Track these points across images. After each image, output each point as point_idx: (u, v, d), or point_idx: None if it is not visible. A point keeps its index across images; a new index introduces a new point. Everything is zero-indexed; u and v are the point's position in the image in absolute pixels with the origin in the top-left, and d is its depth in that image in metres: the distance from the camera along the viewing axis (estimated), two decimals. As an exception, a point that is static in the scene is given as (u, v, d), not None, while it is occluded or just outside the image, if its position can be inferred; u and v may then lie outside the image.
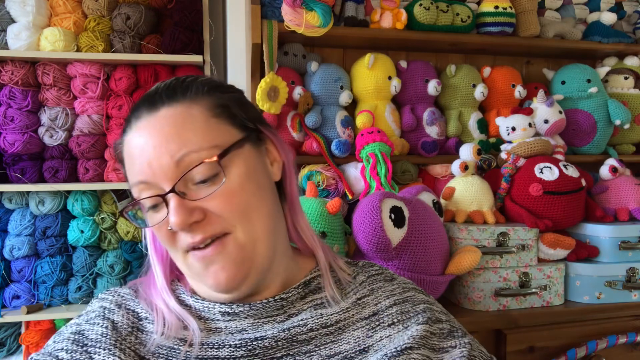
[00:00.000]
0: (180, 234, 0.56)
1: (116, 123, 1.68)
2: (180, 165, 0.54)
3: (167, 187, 0.54)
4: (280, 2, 1.41)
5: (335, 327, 0.60)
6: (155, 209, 0.57)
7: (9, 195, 1.68)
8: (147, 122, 0.57)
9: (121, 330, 0.58)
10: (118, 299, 0.64)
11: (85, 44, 1.63)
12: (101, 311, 0.61)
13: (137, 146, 0.57)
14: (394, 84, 1.56)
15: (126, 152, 0.59)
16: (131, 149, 0.58)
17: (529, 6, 1.64)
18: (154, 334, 0.58)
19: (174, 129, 0.55)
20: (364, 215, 1.09)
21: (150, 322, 0.60)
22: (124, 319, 0.60)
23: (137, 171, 0.57)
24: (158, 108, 0.57)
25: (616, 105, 1.63)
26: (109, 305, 0.63)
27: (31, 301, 1.65)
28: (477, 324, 1.20)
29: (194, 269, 0.58)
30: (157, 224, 0.56)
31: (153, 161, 0.55)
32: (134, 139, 0.57)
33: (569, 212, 1.31)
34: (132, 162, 0.57)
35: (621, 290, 1.29)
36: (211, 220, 0.55)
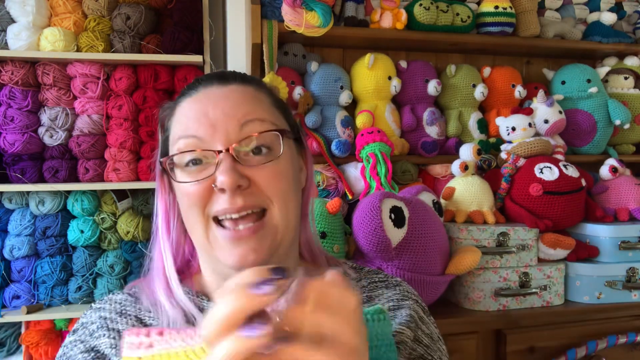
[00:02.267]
0: (216, 197, 0.55)
1: (116, 123, 1.68)
2: (244, 129, 0.56)
3: (221, 147, 0.55)
4: (280, 2, 1.41)
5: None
6: (196, 165, 0.57)
7: (9, 195, 1.68)
8: (219, 91, 0.59)
9: None
10: (117, 307, 0.62)
11: (85, 44, 1.63)
12: (102, 322, 0.60)
13: (201, 108, 0.58)
14: (394, 84, 1.56)
15: (181, 112, 0.60)
16: (192, 109, 0.59)
17: (529, 6, 1.64)
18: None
19: (244, 99, 0.59)
20: (364, 215, 1.09)
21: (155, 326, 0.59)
22: (127, 326, 0.59)
23: (191, 127, 0.57)
24: (230, 82, 0.61)
25: (616, 105, 1.64)
26: (109, 315, 0.61)
27: (31, 301, 1.65)
28: (477, 324, 1.20)
29: (217, 241, 0.56)
30: (196, 180, 0.56)
31: (218, 123, 0.56)
32: (199, 102, 0.59)
33: (569, 212, 1.32)
34: (187, 120, 0.58)
35: (621, 290, 1.29)
36: (254, 191, 0.56)
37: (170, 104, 0.64)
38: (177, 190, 0.60)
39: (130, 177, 1.68)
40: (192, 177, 0.56)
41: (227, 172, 0.53)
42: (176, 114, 0.61)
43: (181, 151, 0.57)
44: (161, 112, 0.64)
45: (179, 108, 0.61)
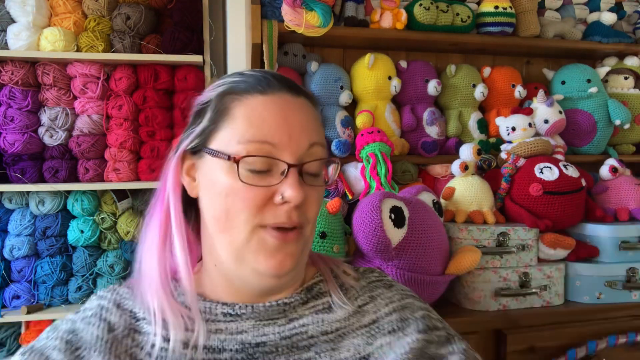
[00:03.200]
0: (272, 207, 0.56)
1: (116, 123, 1.68)
2: (311, 150, 0.58)
3: (291, 160, 0.56)
4: (280, 2, 1.41)
5: (335, 334, 0.60)
6: (263, 173, 0.56)
7: (9, 195, 1.68)
8: (294, 101, 0.59)
9: (117, 333, 0.57)
10: (117, 297, 0.62)
11: (85, 44, 1.63)
12: (98, 310, 0.60)
13: (279, 113, 0.57)
14: (394, 84, 1.56)
15: (254, 108, 0.57)
16: (268, 110, 0.57)
17: (529, 6, 1.63)
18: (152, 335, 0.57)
19: (312, 119, 0.60)
20: (364, 215, 1.09)
21: (148, 323, 0.59)
22: (120, 320, 0.59)
23: (268, 132, 0.56)
24: (300, 95, 0.61)
25: (616, 105, 1.63)
26: (107, 304, 0.61)
27: (31, 301, 1.65)
28: (477, 324, 1.20)
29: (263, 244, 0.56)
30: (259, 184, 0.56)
31: (294, 134, 0.57)
32: (276, 105, 0.58)
33: (569, 212, 1.31)
34: (262, 121, 0.57)
35: (621, 290, 1.29)
36: (304, 209, 0.58)
37: (228, 92, 0.60)
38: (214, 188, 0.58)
39: (130, 177, 1.69)
40: (253, 181, 0.56)
41: (297, 188, 0.55)
42: (240, 107, 0.58)
43: (251, 155, 0.55)
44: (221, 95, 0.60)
45: (246, 102, 0.58)
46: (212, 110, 0.60)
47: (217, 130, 0.58)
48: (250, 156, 0.55)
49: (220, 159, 0.57)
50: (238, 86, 0.59)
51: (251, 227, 0.56)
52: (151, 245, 0.61)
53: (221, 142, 0.58)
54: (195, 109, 0.64)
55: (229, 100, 0.59)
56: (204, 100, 0.62)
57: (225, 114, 0.58)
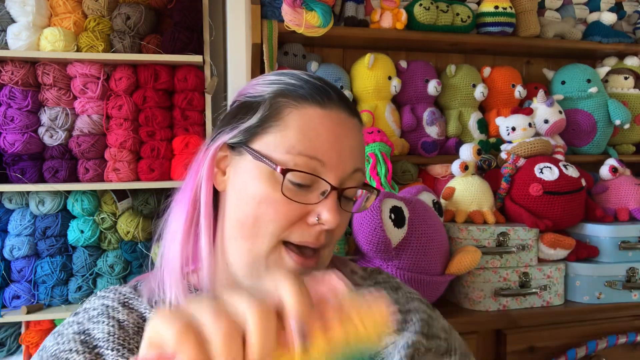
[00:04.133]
0: (303, 226, 0.54)
1: (116, 123, 1.68)
2: (353, 175, 0.56)
3: (334, 182, 0.54)
4: (280, 2, 1.41)
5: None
6: (303, 188, 0.54)
7: (9, 195, 1.68)
8: (349, 122, 0.57)
9: (128, 329, 0.55)
10: (120, 297, 0.60)
11: (85, 44, 1.63)
12: (104, 309, 0.57)
13: (334, 130, 0.55)
14: (394, 84, 1.56)
15: (310, 119, 0.55)
16: (324, 125, 0.55)
17: (529, 6, 1.64)
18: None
19: (360, 143, 0.59)
20: (364, 215, 1.09)
21: None
22: (129, 318, 0.56)
23: (319, 148, 0.54)
24: (355, 116, 0.59)
25: (616, 105, 1.63)
26: (111, 303, 0.58)
27: (31, 301, 1.65)
28: (477, 324, 1.20)
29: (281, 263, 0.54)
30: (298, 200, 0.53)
31: (343, 155, 0.55)
32: (332, 121, 0.55)
33: (569, 212, 1.31)
34: (316, 135, 0.54)
35: (621, 290, 1.29)
36: (332, 232, 0.56)
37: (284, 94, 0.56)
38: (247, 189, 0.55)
39: (130, 177, 1.68)
40: (292, 195, 0.53)
41: (335, 212, 0.53)
42: (295, 115, 0.55)
43: (299, 169, 0.53)
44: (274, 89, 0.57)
45: (303, 110, 0.55)
46: (264, 109, 0.56)
47: (265, 132, 0.55)
48: (298, 171, 0.53)
49: (263, 164, 0.54)
50: (296, 91, 0.56)
51: (276, 241, 0.54)
52: (175, 234, 0.59)
53: (267, 146, 0.54)
54: (241, 100, 0.60)
55: (285, 104, 0.55)
56: (254, 95, 0.58)
57: (278, 117, 0.55)
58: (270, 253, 0.54)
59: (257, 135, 0.55)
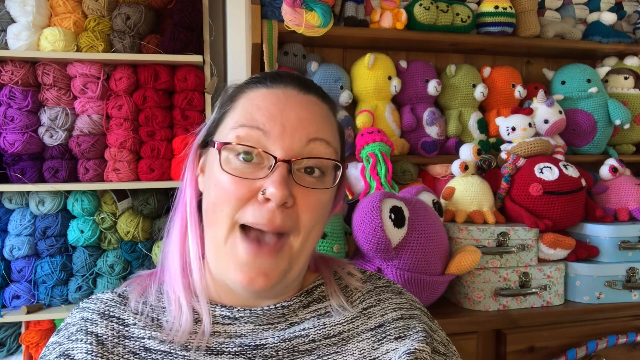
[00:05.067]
0: (254, 204, 0.52)
1: (116, 123, 1.68)
2: (310, 145, 0.55)
3: (280, 155, 0.52)
4: (280, 2, 1.41)
5: (339, 337, 0.58)
6: (247, 162, 0.53)
7: (9, 195, 1.68)
8: (299, 97, 0.57)
9: (107, 344, 0.54)
10: (101, 306, 0.58)
11: (85, 44, 1.63)
12: (82, 324, 0.56)
13: (276, 103, 0.55)
14: (394, 84, 1.56)
15: (252, 98, 0.57)
16: (265, 100, 0.56)
17: (529, 6, 1.64)
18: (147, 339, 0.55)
19: (320, 115, 0.58)
20: (364, 215, 1.09)
21: (140, 327, 0.56)
22: (107, 330, 0.56)
23: (259, 118, 0.54)
24: (311, 92, 0.59)
25: (616, 105, 1.63)
26: (90, 315, 0.57)
27: (31, 301, 1.65)
28: (477, 324, 1.20)
29: (234, 251, 0.53)
30: (243, 176, 0.52)
31: (288, 126, 0.54)
32: (275, 96, 0.56)
33: (569, 212, 1.32)
34: (256, 109, 0.55)
35: (621, 290, 1.29)
36: (291, 213, 0.53)
37: (239, 85, 0.60)
38: (210, 179, 0.56)
39: (130, 177, 1.68)
40: (237, 172, 0.53)
41: (280, 185, 0.50)
42: (243, 98, 0.57)
43: (240, 142, 0.53)
44: (226, 90, 0.61)
45: (249, 93, 0.58)
46: (220, 102, 0.60)
47: (222, 121, 0.58)
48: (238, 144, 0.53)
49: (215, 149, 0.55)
50: (248, 81, 0.60)
51: (231, 222, 0.52)
52: (174, 240, 0.60)
53: (221, 133, 0.57)
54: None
55: (236, 92, 0.59)
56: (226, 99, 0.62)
57: (229, 105, 0.58)
58: (227, 238, 0.53)
59: (217, 128, 0.58)
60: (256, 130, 0.53)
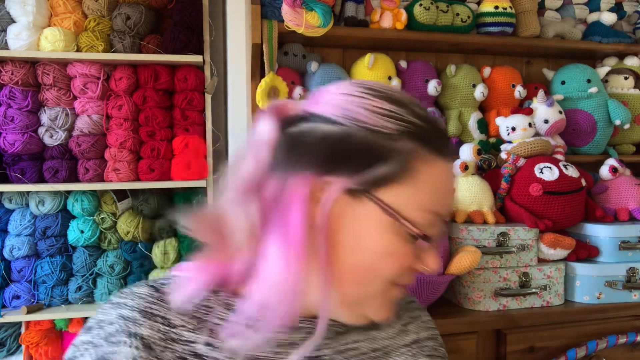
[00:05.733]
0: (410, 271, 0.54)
1: (116, 123, 1.68)
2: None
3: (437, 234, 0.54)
4: (280, 2, 1.41)
5: (383, 351, 0.60)
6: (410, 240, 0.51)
7: (9, 195, 1.68)
8: (451, 166, 0.57)
9: (154, 348, 0.49)
10: (140, 303, 0.52)
11: (85, 44, 1.63)
12: (122, 324, 0.50)
13: (447, 182, 0.55)
14: (394, 84, 1.56)
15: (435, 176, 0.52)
16: (447, 181, 0.54)
17: (529, 6, 1.63)
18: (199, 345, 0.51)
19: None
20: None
21: (188, 330, 0.52)
22: (153, 331, 0.50)
23: (445, 205, 0.54)
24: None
25: (616, 105, 1.63)
26: (130, 313, 0.51)
27: (31, 301, 1.65)
28: (477, 324, 1.20)
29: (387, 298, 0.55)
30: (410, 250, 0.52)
31: (450, 205, 0.56)
32: (450, 175, 0.55)
33: (569, 212, 1.31)
34: (442, 195, 0.53)
35: (621, 290, 1.29)
36: None
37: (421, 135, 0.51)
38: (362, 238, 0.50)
39: (130, 177, 1.69)
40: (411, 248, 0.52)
41: (439, 260, 0.54)
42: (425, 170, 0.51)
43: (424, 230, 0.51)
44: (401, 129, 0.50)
45: (437, 165, 0.52)
46: (396, 159, 0.49)
47: (395, 183, 0.49)
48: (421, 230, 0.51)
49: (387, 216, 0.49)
50: (423, 136, 0.51)
51: (387, 285, 0.53)
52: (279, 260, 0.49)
53: (397, 199, 0.49)
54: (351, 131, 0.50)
55: (417, 155, 0.50)
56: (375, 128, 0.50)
57: (411, 170, 0.50)
58: (377, 293, 0.53)
59: (385, 185, 0.49)
60: (438, 218, 0.53)
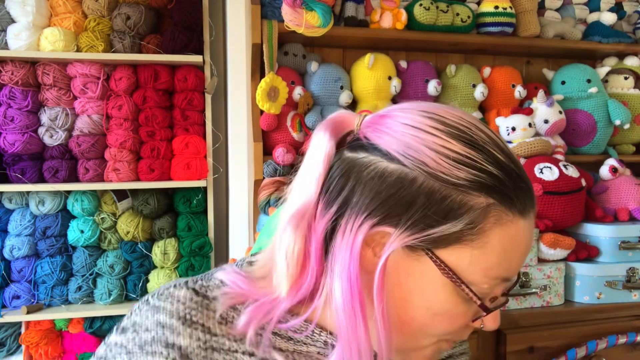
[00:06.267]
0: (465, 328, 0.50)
1: (116, 123, 1.68)
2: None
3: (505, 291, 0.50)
4: (280, 2, 1.41)
5: None
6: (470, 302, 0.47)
7: (9, 195, 1.68)
8: (531, 224, 0.48)
9: (193, 358, 0.47)
10: (179, 308, 0.48)
11: (85, 44, 1.63)
12: (160, 333, 0.47)
13: (526, 242, 0.47)
14: (394, 84, 1.56)
15: (509, 239, 0.45)
16: (522, 241, 0.46)
17: (529, 6, 1.63)
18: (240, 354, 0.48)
19: None
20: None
21: (229, 339, 0.49)
22: (192, 340, 0.47)
23: (513, 268, 0.47)
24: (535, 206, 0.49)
25: (616, 105, 1.63)
26: (168, 320, 0.47)
27: (31, 301, 1.65)
28: (477, 324, 1.20)
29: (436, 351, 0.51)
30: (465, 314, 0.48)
31: (522, 264, 0.49)
32: (525, 234, 0.46)
33: (569, 212, 1.31)
34: (513, 255, 0.46)
35: (621, 290, 1.29)
36: None
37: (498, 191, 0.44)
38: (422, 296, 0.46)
39: (130, 177, 1.69)
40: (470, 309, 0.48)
41: (498, 320, 0.50)
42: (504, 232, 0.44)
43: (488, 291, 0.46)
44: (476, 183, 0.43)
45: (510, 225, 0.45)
46: (467, 218, 0.43)
47: (459, 242, 0.44)
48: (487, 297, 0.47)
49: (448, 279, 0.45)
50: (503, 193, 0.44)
51: (434, 340, 0.49)
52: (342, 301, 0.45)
53: (459, 260, 0.44)
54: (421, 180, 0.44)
55: (492, 216, 0.44)
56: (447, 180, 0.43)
57: (480, 232, 0.44)
58: (426, 347, 0.50)
59: (449, 245, 0.44)
60: (503, 282, 0.47)
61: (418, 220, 0.44)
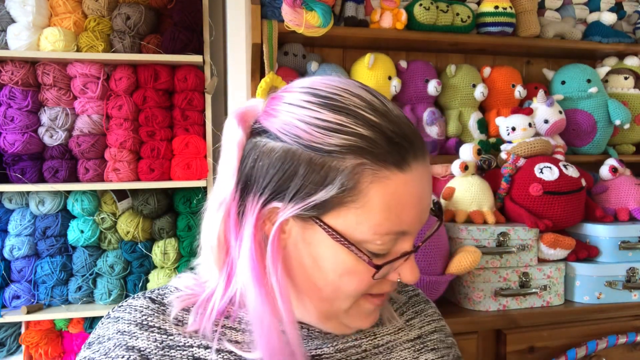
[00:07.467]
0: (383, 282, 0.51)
1: (116, 123, 1.68)
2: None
3: (414, 246, 0.51)
4: (280, 2, 1.41)
5: (385, 346, 0.60)
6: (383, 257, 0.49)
7: (9, 195, 1.68)
8: (425, 171, 0.49)
9: (151, 357, 0.50)
10: (136, 315, 0.53)
11: (85, 44, 1.63)
12: (120, 339, 0.51)
13: (415, 194, 0.47)
14: (394, 84, 1.56)
15: (390, 194, 0.46)
16: (407, 194, 0.47)
17: (529, 6, 1.63)
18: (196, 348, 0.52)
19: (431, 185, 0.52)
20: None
21: (185, 336, 0.52)
22: (149, 342, 0.51)
23: (404, 221, 0.47)
24: (426, 156, 0.50)
25: (616, 105, 1.63)
26: (127, 328, 0.52)
27: (31, 301, 1.65)
28: (477, 324, 1.20)
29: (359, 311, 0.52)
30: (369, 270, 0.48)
31: (423, 214, 0.49)
32: (414, 187, 0.47)
33: (569, 212, 1.31)
34: (401, 209, 0.47)
35: (621, 290, 1.29)
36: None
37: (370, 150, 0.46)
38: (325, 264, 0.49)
39: (130, 177, 1.69)
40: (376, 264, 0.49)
41: (415, 270, 0.50)
42: (383, 190, 0.46)
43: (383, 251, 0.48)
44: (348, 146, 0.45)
45: (389, 182, 0.46)
46: (341, 181, 0.45)
47: (342, 206, 0.46)
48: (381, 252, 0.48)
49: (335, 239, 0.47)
50: (374, 152, 0.46)
51: (356, 299, 0.51)
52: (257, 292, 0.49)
53: (346, 223, 0.46)
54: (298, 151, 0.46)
55: (364, 173, 0.45)
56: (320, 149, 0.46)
57: (357, 190, 0.46)
58: (349, 306, 0.52)
59: (332, 209, 0.46)
60: (400, 235, 0.48)
61: (299, 190, 0.47)
